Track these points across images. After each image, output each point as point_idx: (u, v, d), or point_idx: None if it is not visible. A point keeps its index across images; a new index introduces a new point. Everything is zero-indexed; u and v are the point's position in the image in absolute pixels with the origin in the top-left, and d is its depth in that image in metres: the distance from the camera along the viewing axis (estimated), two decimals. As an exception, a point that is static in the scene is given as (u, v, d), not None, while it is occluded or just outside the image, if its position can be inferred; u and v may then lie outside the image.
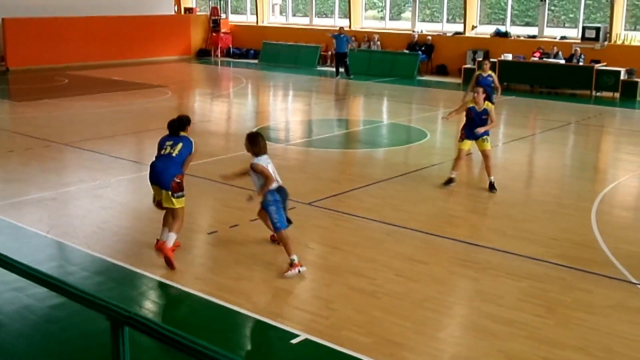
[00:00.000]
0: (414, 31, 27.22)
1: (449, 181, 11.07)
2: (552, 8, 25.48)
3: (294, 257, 7.58)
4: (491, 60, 23.15)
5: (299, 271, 7.53)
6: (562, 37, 24.31)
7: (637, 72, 21.22)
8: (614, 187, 11.50)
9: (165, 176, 7.77)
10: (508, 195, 10.81)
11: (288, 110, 20.11)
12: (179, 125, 8.09)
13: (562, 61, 22.42)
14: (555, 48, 23.07)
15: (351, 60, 27.06)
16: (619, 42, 23.09)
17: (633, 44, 22.85)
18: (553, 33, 24.91)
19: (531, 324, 6.50)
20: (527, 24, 25.94)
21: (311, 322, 6.50)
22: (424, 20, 28.34)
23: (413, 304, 6.93)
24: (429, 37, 26.66)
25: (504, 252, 8.32)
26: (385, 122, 17.74)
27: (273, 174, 7.61)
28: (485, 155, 11.00)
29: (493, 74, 14.16)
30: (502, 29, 25.69)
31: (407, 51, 26.67)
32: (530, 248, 8.47)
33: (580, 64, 22.06)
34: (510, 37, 25.32)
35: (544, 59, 22.83)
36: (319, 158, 13.49)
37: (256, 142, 7.67)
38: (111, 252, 8.19)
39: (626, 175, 12.31)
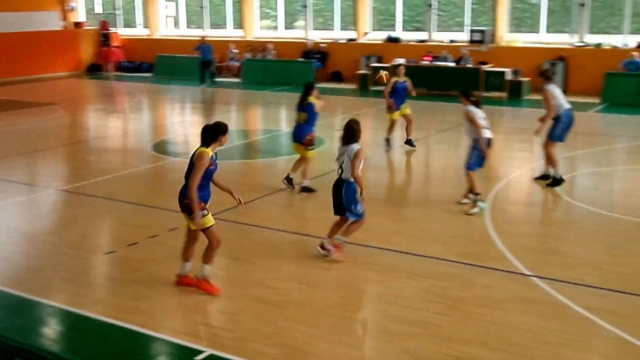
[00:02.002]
0: (307, 39, 27.43)
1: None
2: (440, 13, 26.24)
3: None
4: (384, 65, 23.77)
5: None
6: (451, 41, 25.06)
7: (522, 72, 22.12)
8: (506, 184, 11.94)
9: (179, 198, 7.37)
10: (406, 197, 11.03)
11: (185, 122, 19.82)
12: (202, 136, 7.78)
13: (452, 64, 23.11)
14: (444, 51, 23.78)
15: (247, 69, 27.03)
16: (503, 44, 24.04)
17: (517, 45, 23.84)
18: (442, 37, 25.65)
19: (434, 322, 6.64)
20: (417, 29, 26.61)
21: (215, 337, 6.40)
22: (317, 29, 28.58)
23: (318, 310, 6.94)
24: (323, 45, 26.94)
25: (405, 254, 8.47)
26: (284, 130, 17.73)
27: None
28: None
29: (408, 79, 14.53)
30: (394, 34, 26.27)
31: (302, 59, 26.84)
32: (430, 248, 8.65)
33: (469, 65, 22.80)
34: (402, 42, 25.93)
35: (435, 62, 23.48)
36: (219, 169, 13.31)
37: None
38: (1, 280, 7.79)
39: (516, 172, 12.81)
